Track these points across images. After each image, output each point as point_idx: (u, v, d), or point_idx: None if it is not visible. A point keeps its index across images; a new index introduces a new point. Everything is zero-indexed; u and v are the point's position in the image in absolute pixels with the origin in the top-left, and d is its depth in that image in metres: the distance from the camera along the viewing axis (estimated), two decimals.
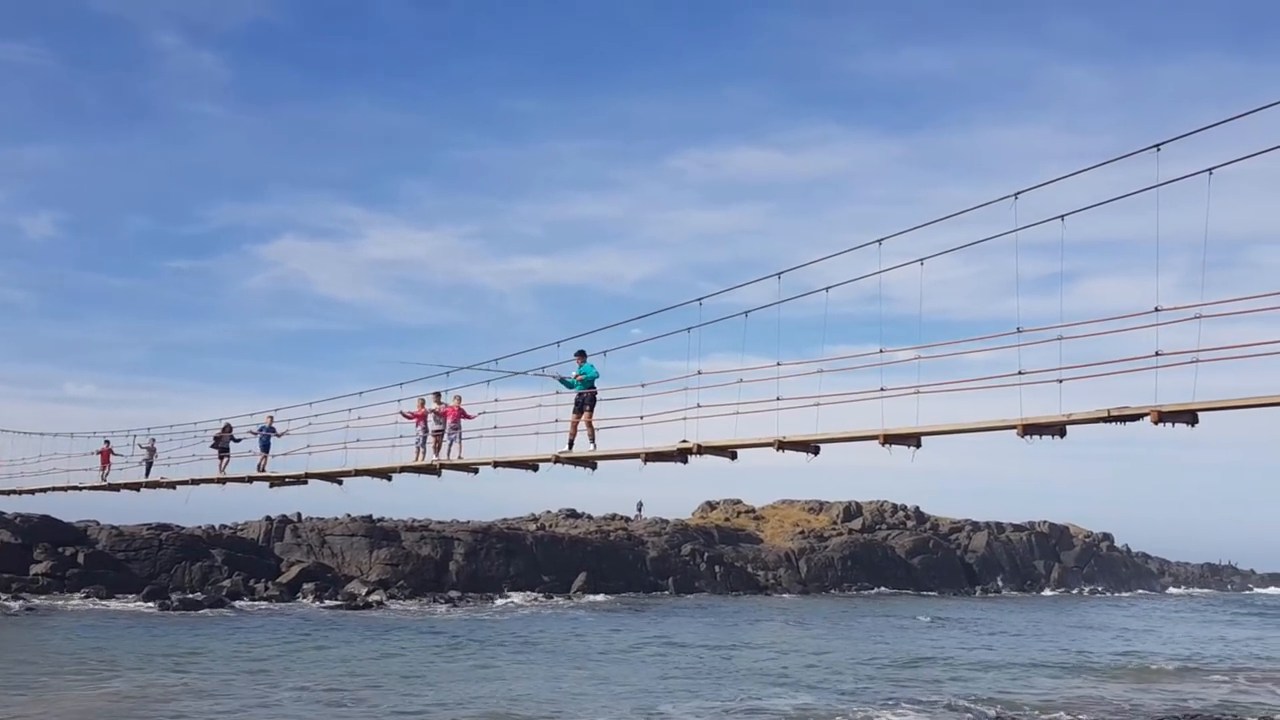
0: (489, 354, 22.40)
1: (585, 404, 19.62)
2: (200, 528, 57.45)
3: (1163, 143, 14.04)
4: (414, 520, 64.83)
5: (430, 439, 23.40)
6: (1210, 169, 13.86)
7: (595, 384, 19.69)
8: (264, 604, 48.03)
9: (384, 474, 25.68)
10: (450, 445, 22.93)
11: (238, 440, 29.05)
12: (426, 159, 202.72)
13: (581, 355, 19.84)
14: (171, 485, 31.12)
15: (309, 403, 27.74)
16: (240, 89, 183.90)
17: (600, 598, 58.50)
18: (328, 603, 49.74)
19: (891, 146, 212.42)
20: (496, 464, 22.87)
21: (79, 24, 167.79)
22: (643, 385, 19.82)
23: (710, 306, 18.80)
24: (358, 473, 25.97)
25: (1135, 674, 31.30)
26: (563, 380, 19.74)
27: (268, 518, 59.64)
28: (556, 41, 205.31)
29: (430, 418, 23.36)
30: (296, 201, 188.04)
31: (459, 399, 22.96)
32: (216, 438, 29.27)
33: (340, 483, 26.58)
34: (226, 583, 50.63)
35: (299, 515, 60.46)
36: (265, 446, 27.88)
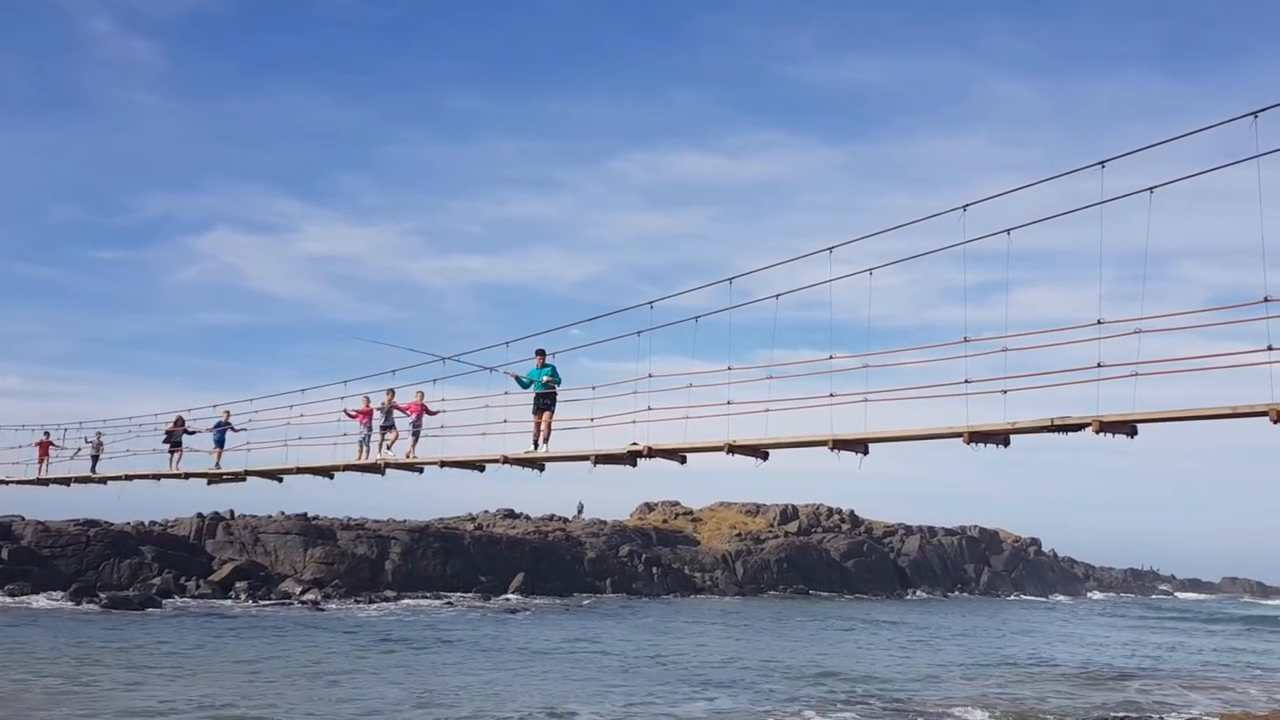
0: (430, 351, 22.23)
1: (545, 404, 19.36)
2: (130, 524, 56.11)
3: (1106, 160, 14.49)
4: (350, 519, 64.09)
5: (375, 435, 23.14)
6: (1151, 188, 14.33)
7: (556, 385, 19.44)
8: (195, 602, 47.13)
9: (326, 472, 25.40)
10: (412, 442, 22.50)
11: (191, 434, 28.20)
12: (366, 154, 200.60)
13: (541, 354, 19.57)
14: (116, 480, 30.11)
15: (249, 399, 27.43)
16: (176, 78, 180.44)
17: (537, 599, 58.38)
18: (261, 602, 48.98)
19: (833, 154, 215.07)
20: (443, 464, 22.75)
21: (7, 7, 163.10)
22: (593, 388, 19.88)
23: (659, 310, 18.95)
24: (299, 470, 25.63)
25: (1040, 676, 31.74)
26: (519, 379, 19.49)
27: (200, 514, 58.52)
28: (500, 41, 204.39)
29: (377, 415, 23.08)
30: (232, 194, 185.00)
31: (421, 394, 22.54)
32: (169, 431, 28.30)
33: (280, 480, 26.23)
34: (157, 580, 49.56)
35: (232, 512, 59.41)
36: (220, 442, 27.09)
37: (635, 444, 18.27)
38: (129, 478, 29.74)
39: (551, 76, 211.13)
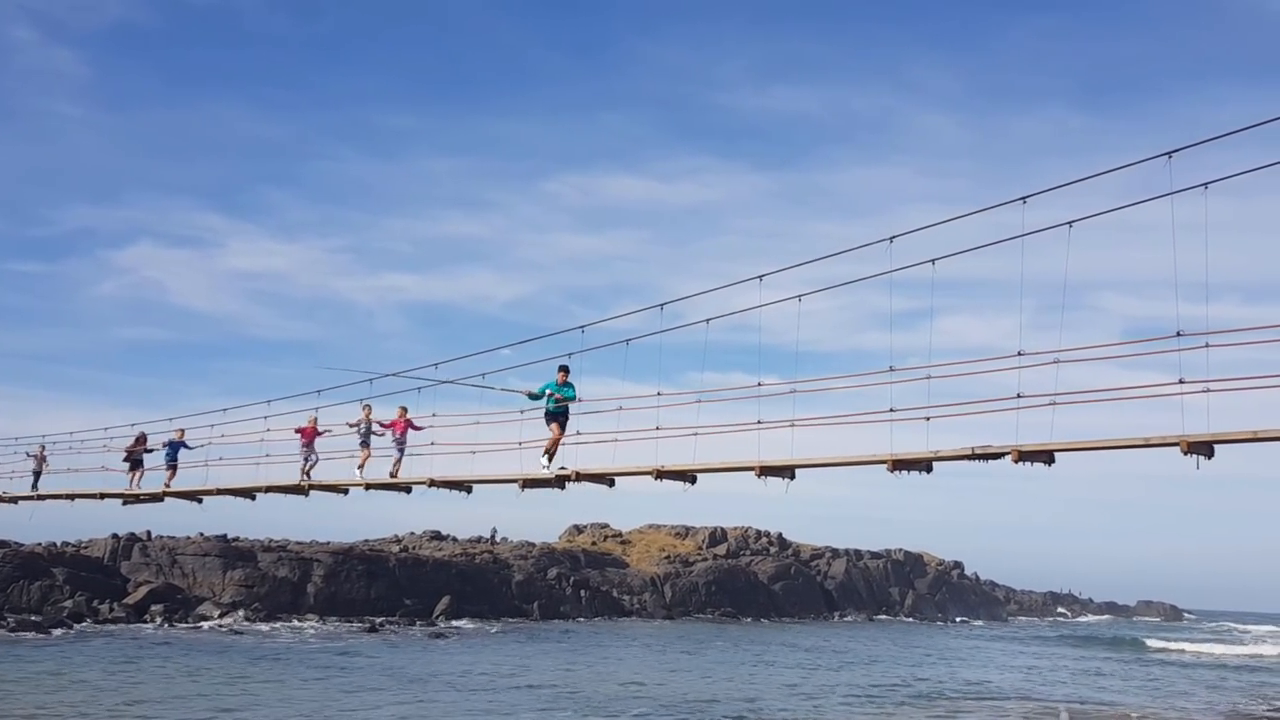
0: (357, 370, 21.95)
1: (560, 417, 18.48)
2: (41, 545, 54.24)
3: (1028, 195, 14.91)
4: (271, 540, 62.74)
5: (310, 457, 22.51)
6: (1070, 222, 14.75)
7: (569, 401, 18.56)
8: (108, 626, 45.60)
9: (248, 493, 24.88)
10: (397, 459, 21.76)
11: (151, 451, 26.99)
12: (294, 170, 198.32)
13: (565, 370, 18.60)
14: (58, 499, 28.81)
15: (168, 417, 26.82)
16: (100, 89, 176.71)
17: (463, 622, 57.62)
18: (177, 625, 47.61)
19: (762, 181, 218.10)
20: (369, 486, 22.46)
21: None
22: (521, 411, 19.79)
23: (590, 332, 18.97)
24: (220, 492, 25.08)
25: (926, 702, 31.49)
26: (530, 395, 18.59)
27: (114, 535, 56.74)
28: (434, 60, 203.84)
29: (348, 429, 22.45)
30: (154, 207, 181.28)
31: (404, 410, 21.82)
32: (129, 450, 27.12)
33: (200, 501, 25.60)
34: (68, 603, 47.83)
35: (149, 533, 57.75)
36: (172, 462, 26.12)
37: (564, 468, 18.21)
38: (73, 497, 28.34)
39: (484, 96, 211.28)
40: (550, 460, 18.34)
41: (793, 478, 16.21)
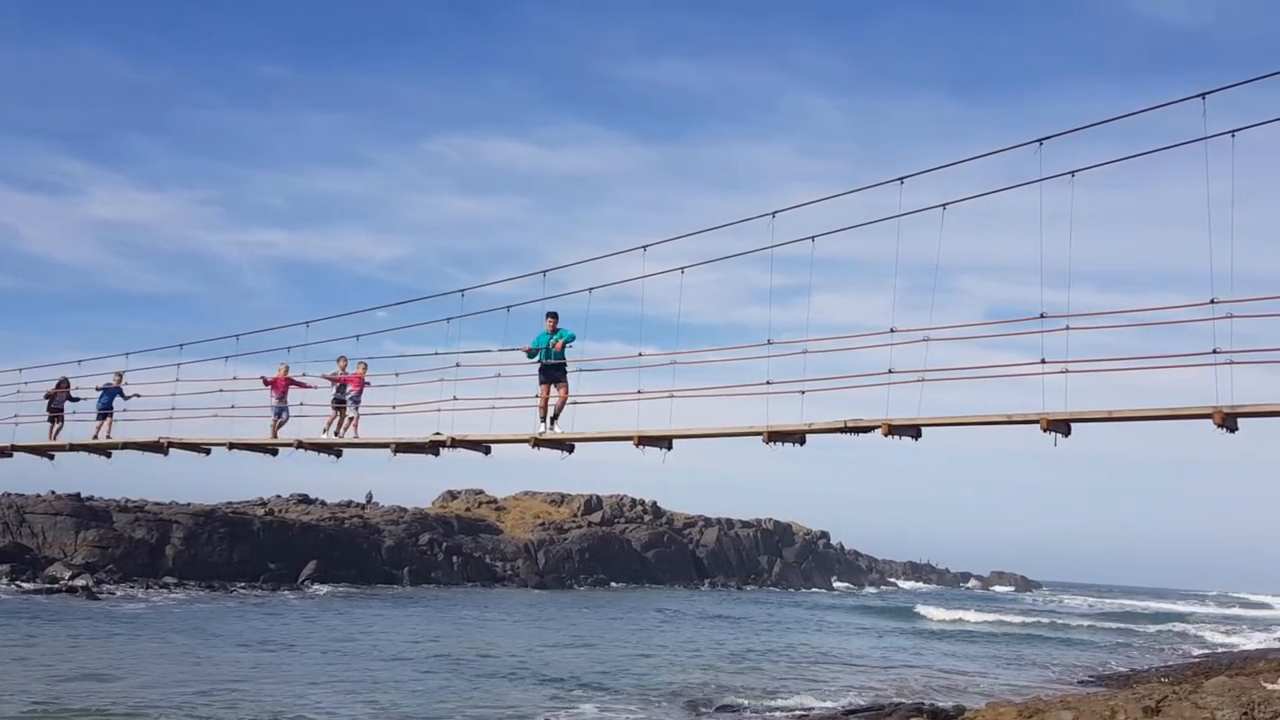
0: (222, 328, 21.22)
1: (555, 375, 17.30)
2: None
3: (905, 176, 15.27)
4: (128, 500, 60.25)
5: (282, 413, 21.26)
6: (944, 204, 15.19)
7: (567, 347, 17.28)
8: None
9: (102, 450, 23.77)
10: (355, 419, 20.34)
11: (75, 400, 24.42)
12: (160, 117, 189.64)
13: (553, 317, 17.36)
14: None
15: (18, 368, 25.35)
16: None
17: (329, 587, 56.55)
18: (24, 586, 45.37)
19: (647, 152, 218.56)
20: (232, 445, 21.72)
21: None
22: (396, 375, 19.43)
23: (470, 297, 18.70)
24: (72, 447, 23.92)
25: (723, 664, 32.16)
26: (527, 352, 17.36)
27: None
28: (311, 10, 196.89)
29: (323, 383, 20.87)
30: (8, 149, 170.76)
31: (364, 366, 20.45)
32: (49, 395, 24.36)
33: (52, 457, 24.36)
34: None
35: None
36: (106, 410, 23.59)
37: (438, 433, 17.94)
38: (72, 447, 25.82)
39: (364, 51, 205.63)
40: (553, 422, 17.20)
41: (670, 448, 16.35)
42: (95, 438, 23.58)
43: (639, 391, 16.01)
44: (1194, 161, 12.49)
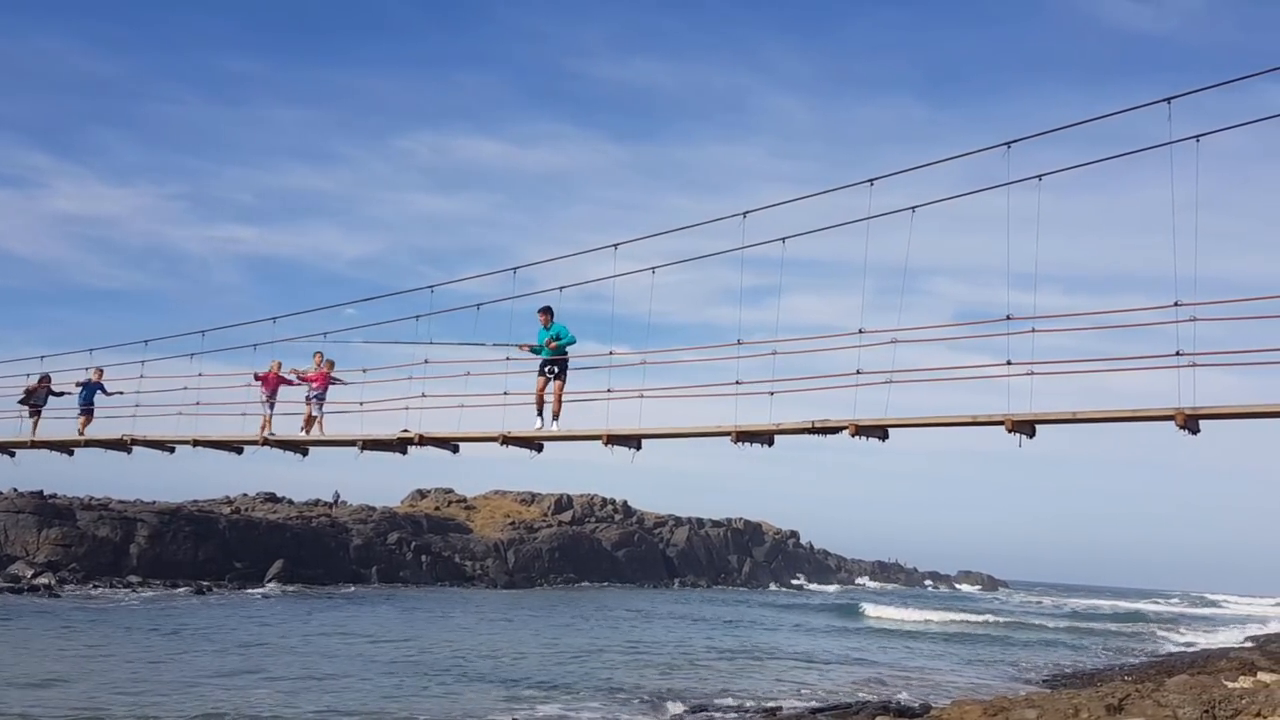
0: (189, 324, 20.96)
1: (555, 370, 16.94)
2: None
3: (876, 178, 15.35)
4: (92, 498, 59.49)
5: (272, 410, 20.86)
6: (914, 206, 15.28)
7: (568, 349, 17.01)
8: None
9: (65, 447, 23.49)
10: (319, 416, 20.22)
11: (57, 395, 24.15)
12: (128, 111, 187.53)
13: (547, 313, 17.06)
14: None
15: None
16: None
17: (296, 587, 56.08)
18: None
19: (618, 151, 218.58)
20: (196, 443, 21.53)
21: None
22: (364, 370, 19.32)
23: (439, 294, 18.62)
24: (34, 444, 23.60)
25: (688, 663, 32.23)
26: (532, 348, 17.04)
27: None
28: (280, 3, 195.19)
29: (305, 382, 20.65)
30: None
31: (331, 364, 20.30)
32: (29, 391, 24.08)
33: (13, 454, 24.02)
34: None
35: None
36: (87, 407, 23.33)
37: (406, 430, 17.85)
38: (34, 444, 24.62)
39: (333, 46, 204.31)
40: (553, 418, 16.82)
41: (639, 447, 16.34)
42: (81, 434, 23.23)
43: (609, 390, 16.00)
44: (1159, 166, 12.63)
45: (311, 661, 27.96)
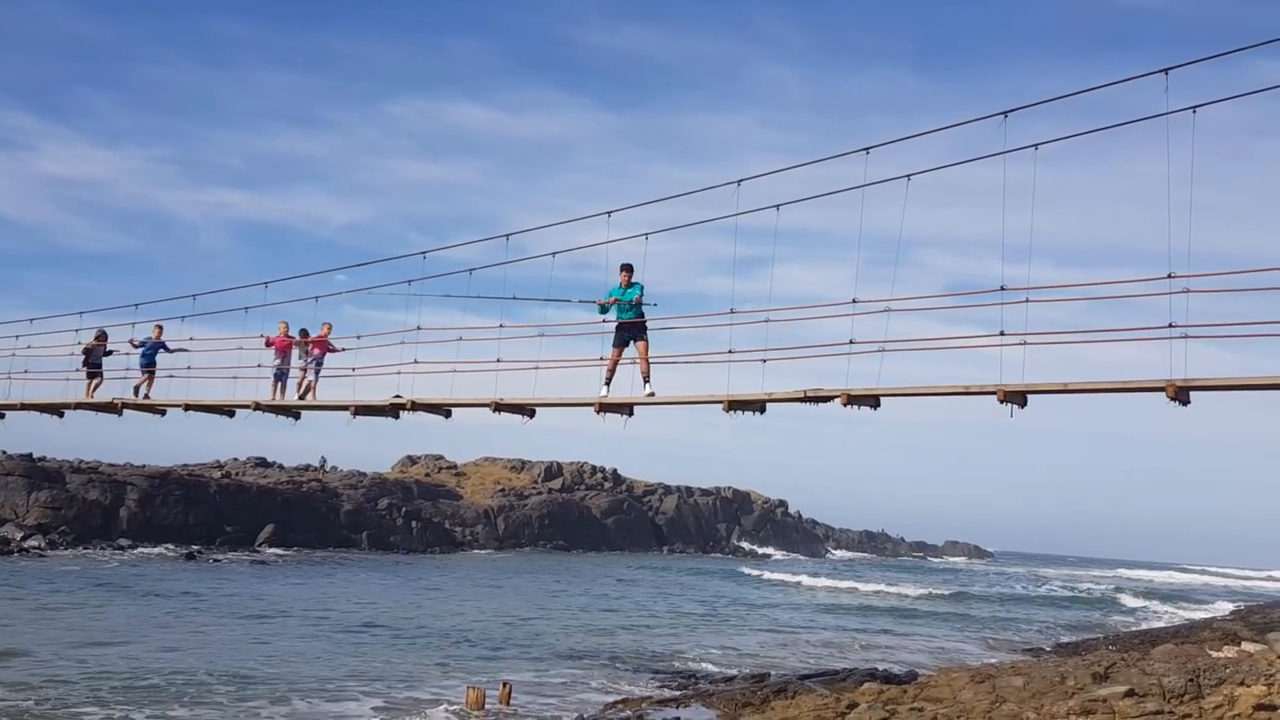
0: (178, 288, 20.85)
1: (634, 333, 16.23)
2: None
3: (871, 147, 15.25)
4: (82, 461, 59.42)
5: (298, 372, 20.76)
6: (909, 175, 15.19)
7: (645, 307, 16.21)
8: None
9: (56, 410, 23.43)
10: (313, 382, 20.23)
11: (110, 354, 23.36)
12: (116, 73, 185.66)
13: (628, 270, 16.27)
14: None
15: None
16: None
17: (285, 551, 56.22)
18: None
19: (610, 120, 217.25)
20: (188, 407, 21.46)
21: None
22: (358, 336, 19.26)
23: (431, 261, 18.53)
24: (24, 407, 23.53)
25: (671, 630, 32.24)
26: (601, 306, 16.29)
27: None
28: None
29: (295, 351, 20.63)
30: None
31: (328, 328, 20.25)
32: (87, 350, 23.24)
33: (2, 416, 23.95)
34: None
35: None
36: (149, 365, 22.54)
37: (398, 396, 17.83)
38: (24, 407, 24.21)
39: (323, 10, 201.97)
40: (644, 381, 16.07)
41: (631, 414, 16.34)
42: (137, 394, 22.57)
43: (601, 358, 15.97)
44: (1155, 137, 12.56)
45: (282, 625, 27.74)
